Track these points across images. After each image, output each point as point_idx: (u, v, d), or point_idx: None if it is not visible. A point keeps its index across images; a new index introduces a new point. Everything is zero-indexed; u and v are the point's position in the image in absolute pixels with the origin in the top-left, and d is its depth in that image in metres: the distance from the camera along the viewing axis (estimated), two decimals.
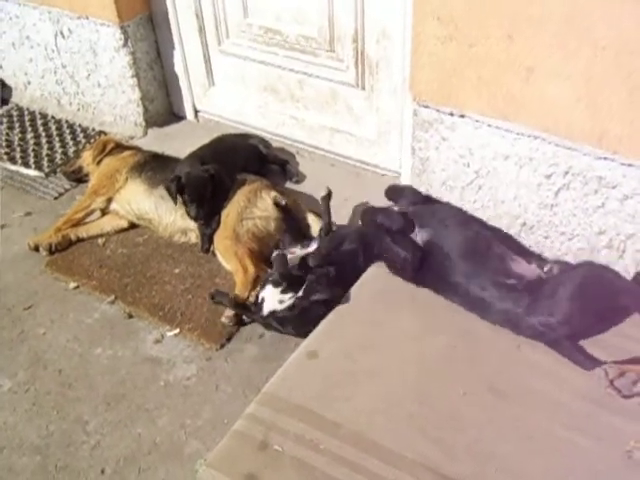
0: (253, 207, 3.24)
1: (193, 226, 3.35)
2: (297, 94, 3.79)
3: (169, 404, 2.71)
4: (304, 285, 2.85)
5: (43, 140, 4.30)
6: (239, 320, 2.97)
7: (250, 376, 2.79)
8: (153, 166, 3.57)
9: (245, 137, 3.85)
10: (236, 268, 3.09)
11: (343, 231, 3.14)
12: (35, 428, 2.67)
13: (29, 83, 4.56)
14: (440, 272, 2.78)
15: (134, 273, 3.29)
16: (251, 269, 3.06)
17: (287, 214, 3.27)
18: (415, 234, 2.87)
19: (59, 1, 3.98)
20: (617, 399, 2.34)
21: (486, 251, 2.77)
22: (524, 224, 2.93)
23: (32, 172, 4.04)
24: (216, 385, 2.77)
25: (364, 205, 3.31)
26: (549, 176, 2.75)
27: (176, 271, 3.29)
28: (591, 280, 2.63)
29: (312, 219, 3.34)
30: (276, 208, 3.26)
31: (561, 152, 2.67)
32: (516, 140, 2.76)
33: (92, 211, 3.59)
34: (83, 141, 4.26)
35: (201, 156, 3.44)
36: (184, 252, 3.39)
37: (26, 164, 4.09)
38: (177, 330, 2.99)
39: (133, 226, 3.58)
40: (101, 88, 4.19)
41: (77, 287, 3.25)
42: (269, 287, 2.89)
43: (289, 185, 3.70)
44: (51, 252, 3.43)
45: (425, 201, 3.12)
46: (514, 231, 2.97)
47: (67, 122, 4.46)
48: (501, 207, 2.96)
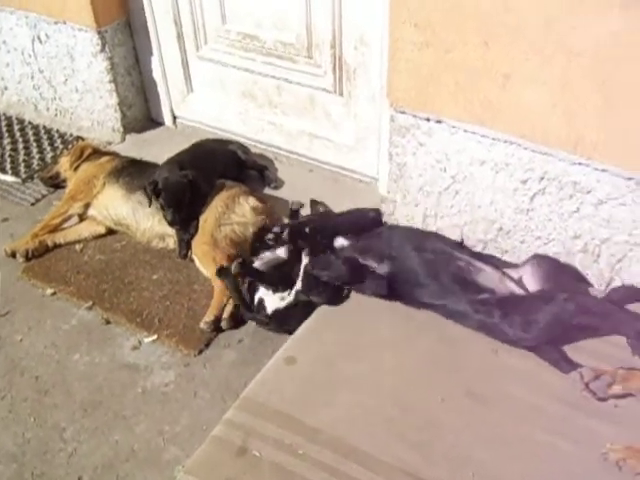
0: (231, 213, 3.24)
1: (171, 232, 3.34)
2: (275, 100, 3.79)
3: (147, 411, 2.70)
4: (300, 277, 2.88)
5: (20, 146, 4.27)
6: (217, 326, 2.96)
7: (229, 381, 2.78)
8: (131, 172, 3.55)
9: (224, 143, 3.85)
10: (214, 274, 3.08)
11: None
12: (11, 435, 2.64)
13: (6, 88, 4.52)
14: (412, 296, 2.80)
15: (112, 279, 3.27)
16: None
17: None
18: (375, 268, 2.86)
19: (36, 6, 3.96)
20: (593, 402, 2.36)
21: (450, 268, 2.76)
22: (500, 229, 2.96)
23: (9, 178, 4.01)
24: (194, 391, 2.76)
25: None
26: (525, 181, 2.78)
27: (154, 277, 3.27)
28: (568, 309, 2.55)
29: None
30: (253, 212, 3.27)
31: (537, 157, 2.70)
32: (492, 145, 2.78)
33: (69, 217, 3.57)
34: (60, 147, 4.23)
35: (179, 162, 3.43)
36: (162, 258, 3.38)
37: (3, 170, 4.05)
38: (155, 336, 2.98)
39: (111, 232, 3.56)
40: (79, 93, 4.17)
41: (54, 293, 3.23)
42: (262, 289, 2.91)
43: (267, 191, 3.70)
44: (28, 258, 3.40)
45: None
46: (491, 236, 2.99)
47: (44, 127, 4.43)
48: (478, 212, 2.98)
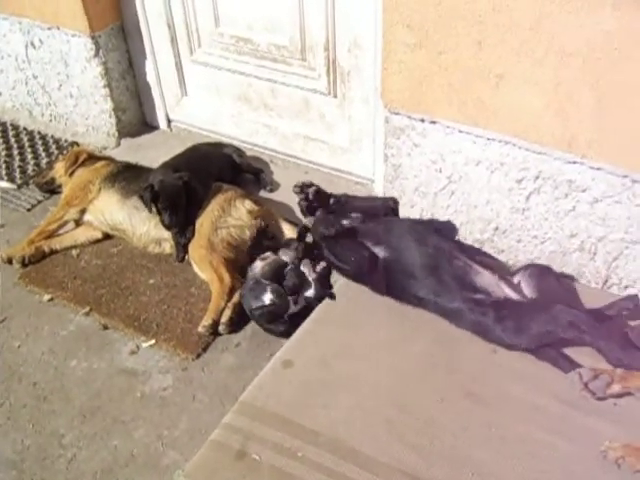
0: (227, 216, 3.24)
1: (167, 236, 3.34)
2: (270, 103, 3.80)
3: (145, 415, 2.69)
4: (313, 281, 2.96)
5: (15, 152, 4.26)
6: (215, 330, 2.96)
7: (227, 385, 2.78)
8: (126, 176, 3.55)
9: (219, 146, 3.85)
10: (211, 277, 3.09)
11: None
12: (10, 442, 2.64)
13: (0, 94, 4.52)
14: (406, 289, 2.79)
15: (109, 284, 3.27)
16: (227, 278, 3.06)
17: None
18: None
19: (30, 11, 3.95)
20: (592, 401, 2.37)
21: (449, 265, 2.75)
22: (497, 228, 2.96)
23: (4, 184, 4.00)
24: (193, 395, 2.75)
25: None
26: (520, 181, 2.78)
27: (151, 281, 3.27)
28: (561, 322, 2.54)
29: (286, 227, 3.35)
30: (249, 215, 3.27)
31: (531, 157, 2.71)
32: (487, 145, 2.79)
33: (65, 222, 3.56)
34: (56, 152, 4.23)
35: (174, 165, 3.43)
36: (159, 262, 3.37)
37: None
38: (153, 341, 2.98)
39: (107, 237, 3.55)
40: (73, 99, 4.17)
41: (51, 299, 3.22)
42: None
43: (263, 194, 3.70)
44: (24, 264, 3.39)
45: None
46: (487, 236, 3.00)
47: (39, 133, 4.42)
48: (474, 212, 2.99)
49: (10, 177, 4.04)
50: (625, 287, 2.78)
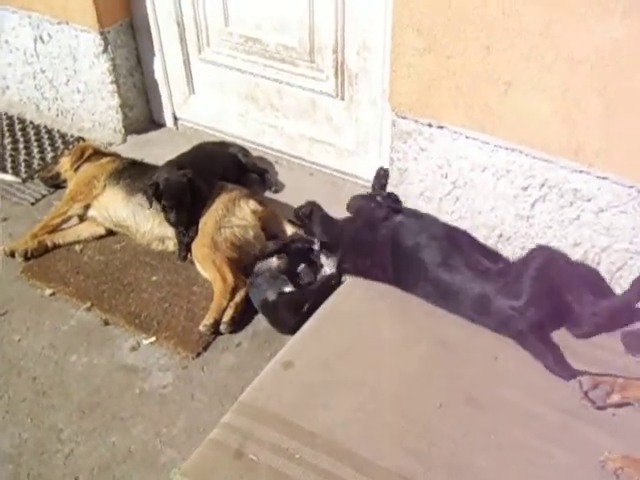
0: (231, 216, 3.24)
1: (171, 234, 3.34)
2: (276, 103, 3.80)
3: (144, 412, 2.69)
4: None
5: (21, 145, 4.27)
6: (217, 329, 2.96)
7: (226, 385, 2.77)
8: (131, 173, 3.55)
9: (224, 145, 3.85)
10: (214, 277, 3.09)
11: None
12: (8, 436, 2.64)
13: (7, 88, 4.53)
14: (412, 256, 2.84)
15: (111, 280, 3.27)
16: (229, 278, 3.05)
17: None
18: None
19: (39, 6, 3.96)
20: (591, 410, 2.36)
21: (459, 244, 2.85)
22: (501, 235, 2.96)
23: (9, 177, 4.00)
24: (192, 394, 2.75)
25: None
26: (525, 188, 2.78)
27: (153, 279, 3.27)
28: (548, 263, 2.68)
29: (289, 228, 3.36)
30: (253, 215, 3.27)
31: (538, 164, 2.70)
32: (493, 152, 2.79)
33: (69, 217, 3.56)
34: (61, 147, 4.23)
35: (179, 163, 3.41)
36: (162, 260, 3.37)
37: (3, 169, 4.05)
38: (153, 338, 2.97)
39: (111, 233, 3.55)
40: (80, 94, 4.17)
41: (53, 294, 3.22)
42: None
43: (268, 194, 3.70)
44: (27, 258, 3.39)
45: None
46: (491, 242, 2.99)
47: (45, 128, 4.43)
48: (478, 218, 2.98)
49: (15, 171, 4.04)
50: None
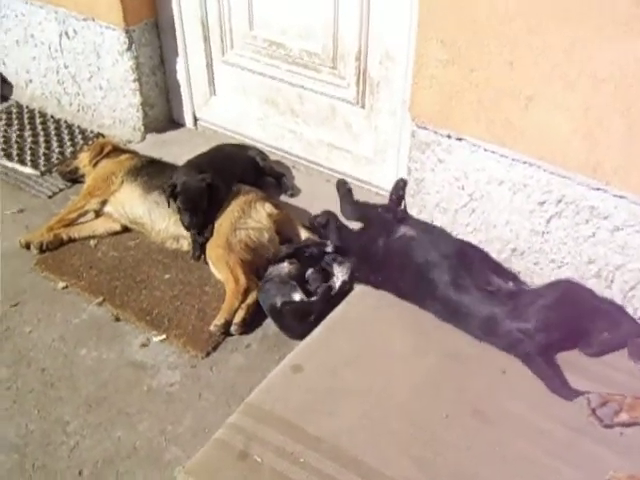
0: (247, 218, 3.25)
1: (186, 233, 3.34)
2: (297, 108, 3.81)
3: (151, 409, 2.70)
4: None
5: (41, 139, 4.30)
6: (227, 330, 2.96)
7: (234, 386, 2.77)
8: (149, 171, 3.57)
9: (243, 148, 3.86)
10: (227, 277, 3.09)
11: None
12: (14, 426, 2.65)
13: (30, 81, 4.57)
14: (421, 273, 2.84)
15: (124, 276, 3.28)
16: (242, 279, 3.06)
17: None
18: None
19: (66, 1, 3.99)
20: (598, 429, 2.36)
21: (469, 264, 2.85)
22: (515, 250, 2.95)
23: (28, 170, 4.03)
24: (199, 393, 2.76)
25: None
26: (542, 203, 2.78)
27: (166, 277, 3.28)
28: (569, 295, 2.71)
29: (303, 233, 3.37)
30: (269, 218, 3.28)
31: (555, 180, 2.70)
32: (511, 166, 2.78)
33: (86, 212, 3.59)
34: (81, 142, 4.26)
35: (199, 164, 3.44)
36: (175, 258, 3.38)
37: (22, 162, 4.08)
38: (164, 336, 2.98)
39: (126, 229, 3.57)
40: (102, 91, 4.20)
41: (66, 287, 3.24)
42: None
43: (284, 198, 3.71)
44: (42, 251, 3.41)
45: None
46: (504, 256, 2.99)
47: (66, 122, 4.46)
48: (493, 231, 2.98)
49: (34, 163, 4.07)
50: None
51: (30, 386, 2.80)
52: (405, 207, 3.25)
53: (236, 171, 3.57)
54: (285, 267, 3.08)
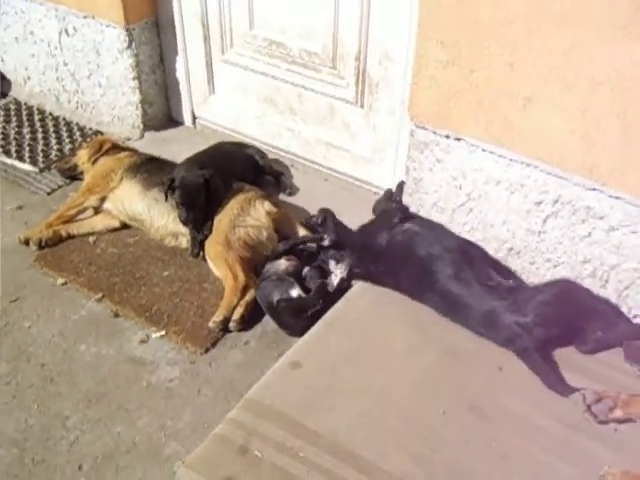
0: (246, 215, 3.27)
1: (185, 231, 3.36)
2: (296, 107, 3.83)
3: (150, 405, 2.71)
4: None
5: (39, 136, 4.31)
6: (226, 327, 2.98)
7: (233, 382, 2.79)
8: (149, 168, 3.58)
9: (242, 146, 3.88)
10: (226, 274, 3.11)
11: None
12: (14, 421, 2.66)
13: (29, 78, 4.57)
14: (423, 266, 2.87)
15: (123, 273, 3.30)
16: (241, 276, 3.08)
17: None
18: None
19: None
20: (593, 425, 2.38)
21: (471, 259, 2.88)
22: (511, 249, 2.98)
23: (26, 166, 4.04)
24: (198, 389, 2.77)
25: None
26: (539, 203, 2.80)
27: (165, 274, 3.30)
28: (567, 293, 2.75)
29: (302, 231, 3.39)
30: (268, 216, 3.30)
31: (552, 180, 2.73)
32: (509, 166, 2.81)
33: (85, 209, 3.60)
34: (79, 139, 4.27)
35: (198, 161, 3.45)
36: (174, 255, 3.40)
37: (21, 158, 4.09)
38: (163, 332, 3.00)
39: (125, 226, 3.58)
40: (101, 88, 4.21)
41: (65, 283, 3.25)
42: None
43: (282, 197, 3.74)
44: (41, 247, 3.42)
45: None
46: (501, 255, 3.01)
47: (64, 120, 4.47)
48: (490, 231, 3.01)
49: (33, 160, 4.08)
50: (634, 316, 2.78)
51: (30, 381, 2.81)
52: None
53: (235, 169, 3.59)
54: (282, 264, 3.11)
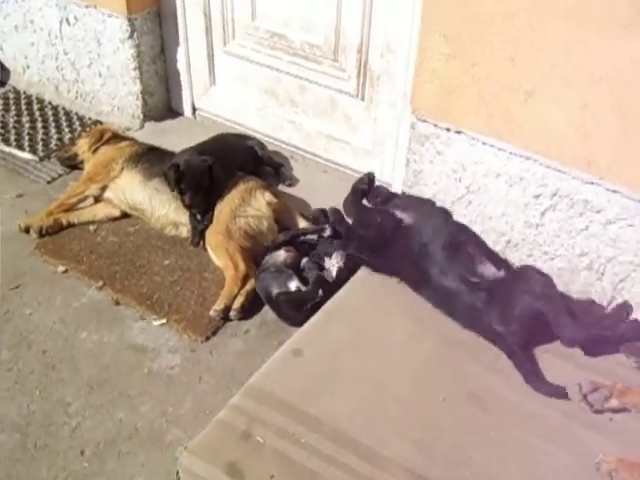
0: (247, 205, 3.30)
1: (185, 220, 3.39)
2: (297, 99, 3.85)
3: (152, 392, 2.74)
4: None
5: (39, 125, 4.30)
6: (226, 315, 3.01)
7: (234, 370, 2.82)
8: (150, 158, 3.59)
9: (242, 138, 3.90)
10: (226, 264, 3.14)
11: None
12: (16, 406, 2.67)
13: (28, 67, 4.56)
14: (415, 259, 2.90)
15: (124, 261, 3.31)
16: (242, 266, 3.10)
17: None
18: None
19: None
20: (589, 414, 2.43)
21: (461, 248, 2.89)
22: (509, 241, 3.02)
23: (26, 155, 4.04)
24: (199, 376, 2.80)
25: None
26: (537, 196, 2.84)
27: (166, 262, 3.31)
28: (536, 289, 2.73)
29: (301, 222, 3.42)
30: (268, 207, 3.33)
31: (550, 174, 2.77)
32: (508, 159, 2.85)
33: (85, 197, 3.60)
34: (79, 129, 4.27)
35: (199, 150, 3.46)
36: (174, 245, 3.41)
37: (20, 147, 4.09)
38: (164, 320, 3.02)
39: (125, 215, 3.59)
40: (102, 78, 4.21)
41: (66, 271, 3.26)
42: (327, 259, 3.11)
43: (281, 188, 3.75)
44: (41, 235, 3.43)
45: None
46: (499, 247, 3.04)
47: (64, 109, 4.47)
48: (488, 223, 3.04)
49: (32, 149, 4.08)
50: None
51: (31, 367, 2.83)
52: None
53: (236, 160, 3.61)
54: (281, 255, 3.13)
